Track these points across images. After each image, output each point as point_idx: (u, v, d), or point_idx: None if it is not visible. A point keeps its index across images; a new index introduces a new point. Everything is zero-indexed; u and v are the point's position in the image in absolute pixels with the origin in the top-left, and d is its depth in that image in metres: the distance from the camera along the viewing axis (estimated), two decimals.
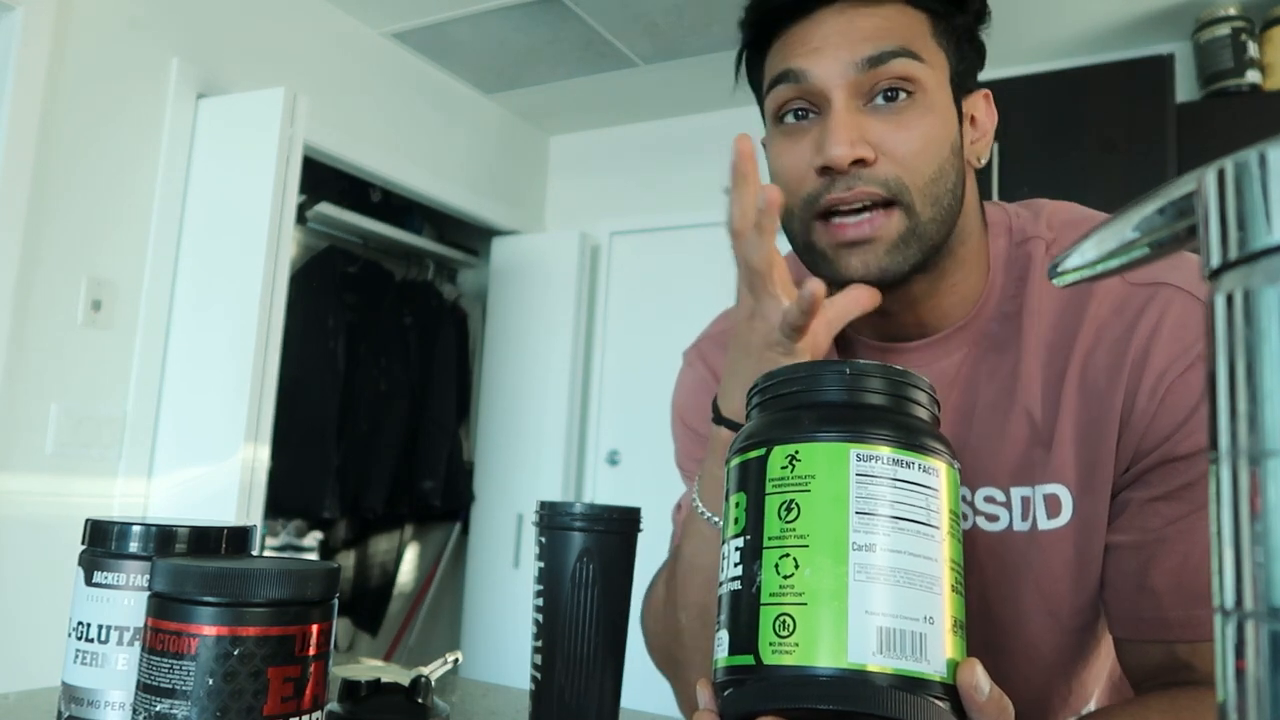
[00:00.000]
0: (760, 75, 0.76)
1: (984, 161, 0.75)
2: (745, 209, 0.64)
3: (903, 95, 0.68)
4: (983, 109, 0.76)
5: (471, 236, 3.80)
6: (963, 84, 0.73)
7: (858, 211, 0.68)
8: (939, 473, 0.46)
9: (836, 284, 0.72)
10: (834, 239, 0.69)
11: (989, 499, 0.73)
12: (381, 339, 3.41)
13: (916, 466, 0.45)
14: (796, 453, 0.45)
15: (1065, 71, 2.52)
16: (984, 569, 0.72)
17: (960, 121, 0.72)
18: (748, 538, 0.46)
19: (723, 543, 0.48)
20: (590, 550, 0.65)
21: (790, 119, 0.71)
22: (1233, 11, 2.45)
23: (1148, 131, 2.37)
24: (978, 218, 0.76)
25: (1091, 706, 0.78)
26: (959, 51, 0.72)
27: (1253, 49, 2.43)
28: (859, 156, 0.67)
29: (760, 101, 0.77)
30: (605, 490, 3.49)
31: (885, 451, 0.44)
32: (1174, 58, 2.41)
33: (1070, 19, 2.64)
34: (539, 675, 0.66)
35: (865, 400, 0.47)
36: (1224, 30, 2.44)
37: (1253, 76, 2.42)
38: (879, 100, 0.68)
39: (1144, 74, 2.41)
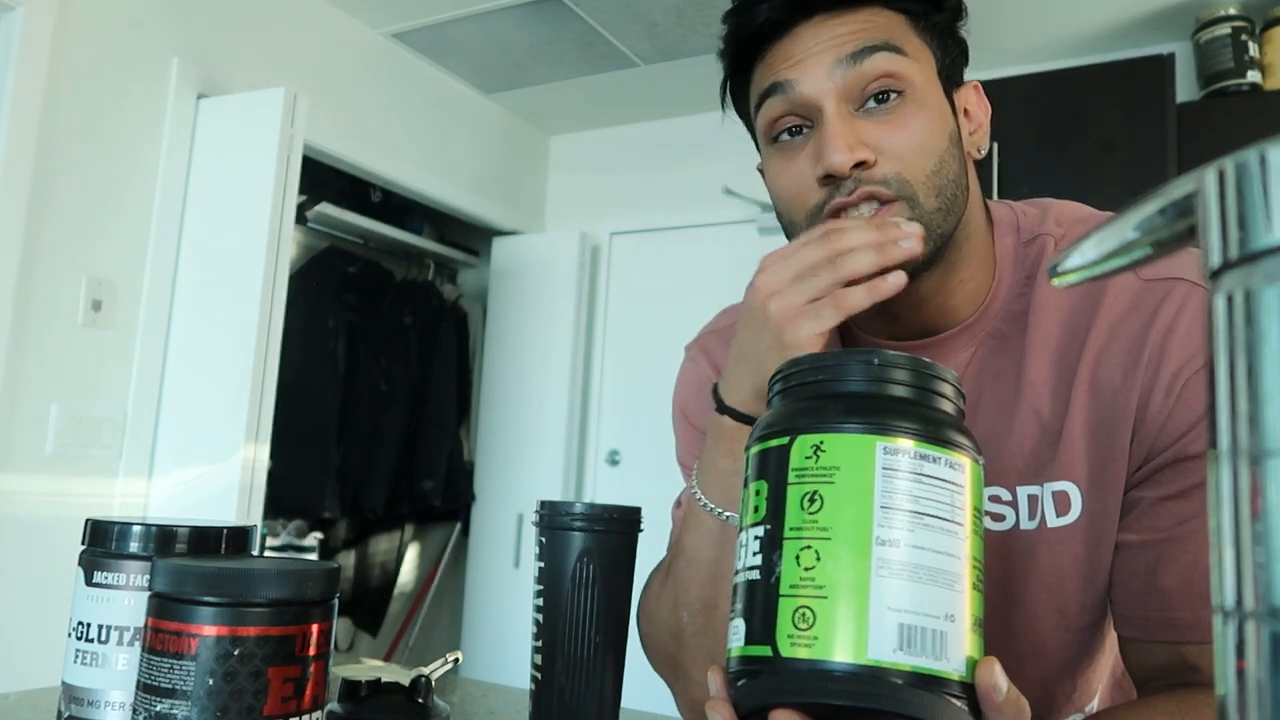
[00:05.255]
0: (746, 102, 0.76)
1: (984, 152, 0.76)
2: None
3: (893, 96, 0.68)
4: (974, 101, 0.76)
5: (471, 236, 3.80)
6: (951, 78, 0.73)
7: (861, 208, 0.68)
8: (964, 468, 0.45)
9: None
10: None
11: (994, 498, 0.72)
12: (382, 339, 3.41)
13: (943, 462, 0.44)
14: (821, 443, 0.45)
15: (1065, 71, 2.52)
16: (989, 568, 0.72)
17: (955, 114, 0.72)
18: (768, 527, 0.45)
19: (740, 530, 0.48)
20: (590, 550, 0.65)
21: (785, 137, 0.72)
22: (1233, 11, 2.45)
23: (1148, 131, 2.37)
24: (981, 212, 0.76)
25: (1095, 703, 0.78)
26: (943, 46, 0.72)
27: (1253, 49, 2.43)
28: (859, 159, 0.67)
29: (750, 126, 0.77)
30: (605, 490, 3.49)
31: (911, 445, 0.44)
32: (1174, 58, 2.40)
33: (1071, 19, 2.64)
34: (539, 675, 0.65)
35: (893, 392, 0.47)
36: (1224, 30, 2.44)
37: (1253, 76, 2.41)
38: (870, 104, 0.68)
39: (1144, 74, 2.41)
